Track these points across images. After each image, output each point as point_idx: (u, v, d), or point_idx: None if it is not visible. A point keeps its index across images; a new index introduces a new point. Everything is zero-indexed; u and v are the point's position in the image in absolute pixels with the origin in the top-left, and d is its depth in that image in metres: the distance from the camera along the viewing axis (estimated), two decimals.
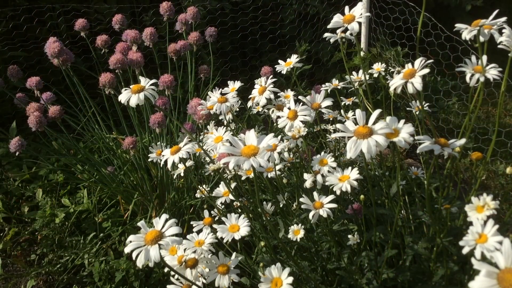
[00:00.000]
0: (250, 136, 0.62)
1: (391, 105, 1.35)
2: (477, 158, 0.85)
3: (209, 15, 2.39)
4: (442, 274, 0.86)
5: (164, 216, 0.66)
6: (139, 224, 0.67)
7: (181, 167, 1.02)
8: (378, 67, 1.27)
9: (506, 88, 0.82)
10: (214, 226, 0.87)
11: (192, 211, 1.48)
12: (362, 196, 0.88)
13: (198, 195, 1.11)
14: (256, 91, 0.96)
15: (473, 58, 0.80)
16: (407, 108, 1.18)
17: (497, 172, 1.70)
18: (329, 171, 0.87)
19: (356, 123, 0.62)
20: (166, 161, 0.81)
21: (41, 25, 2.16)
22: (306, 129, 0.90)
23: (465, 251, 0.62)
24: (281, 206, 1.06)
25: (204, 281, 0.76)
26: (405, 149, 1.87)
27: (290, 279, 0.70)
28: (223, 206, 1.01)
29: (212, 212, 1.03)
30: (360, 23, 0.74)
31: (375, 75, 1.26)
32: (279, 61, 1.06)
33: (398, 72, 0.72)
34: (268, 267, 0.72)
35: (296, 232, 0.90)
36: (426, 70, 0.67)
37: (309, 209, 0.84)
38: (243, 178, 0.98)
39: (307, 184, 0.91)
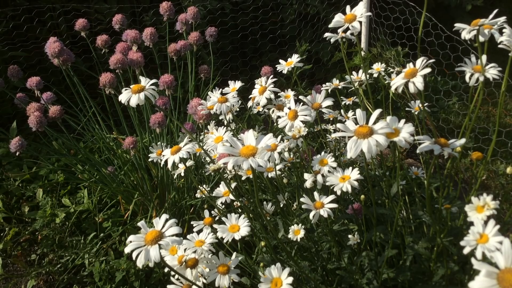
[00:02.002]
0: (249, 137, 0.62)
1: (391, 105, 1.35)
2: (478, 158, 0.85)
3: (209, 15, 2.39)
4: (442, 274, 0.86)
5: (164, 216, 0.66)
6: (139, 224, 0.67)
7: (181, 167, 1.02)
8: (378, 67, 1.27)
9: (506, 88, 0.82)
10: (215, 226, 0.87)
11: (192, 211, 1.48)
12: (362, 196, 0.88)
13: (198, 195, 1.11)
14: (256, 91, 0.96)
15: (473, 57, 0.80)
16: (407, 108, 1.18)
17: (497, 172, 1.70)
18: (329, 171, 0.87)
19: (356, 122, 0.62)
20: (166, 161, 0.81)
21: (41, 25, 2.16)
22: (306, 129, 0.90)
23: (466, 251, 0.62)
24: (281, 206, 1.06)
25: (204, 281, 0.76)
26: (405, 149, 1.87)
27: (290, 279, 0.70)
28: (223, 206, 1.01)
29: (212, 212, 1.03)
30: (361, 22, 0.75)
31: (375, 75, 1.26)
32: (280, 60, 1.06)
33: (398, 72, 0.72)
34: (268, 267, 0.72)
35: (297, 232, 0.90)
36: (428, 70, 0.67)
37: (310, 209, 0.84)
38: (243, 178, 0.98)
39: (308, 184, 0.91)
